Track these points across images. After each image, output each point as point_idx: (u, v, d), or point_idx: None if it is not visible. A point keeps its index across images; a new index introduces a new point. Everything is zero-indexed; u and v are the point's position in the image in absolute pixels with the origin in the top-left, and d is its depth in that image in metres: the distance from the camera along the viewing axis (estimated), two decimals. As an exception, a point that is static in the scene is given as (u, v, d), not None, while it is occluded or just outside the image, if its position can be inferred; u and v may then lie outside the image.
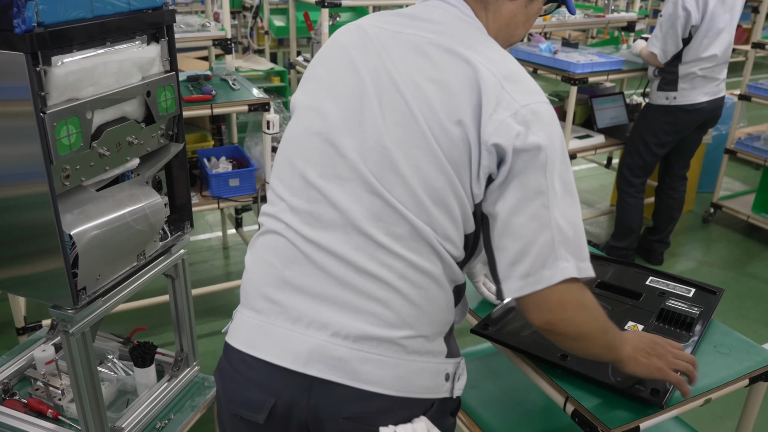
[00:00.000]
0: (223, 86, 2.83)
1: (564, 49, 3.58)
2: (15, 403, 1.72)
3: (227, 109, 2.62)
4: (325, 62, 1.06)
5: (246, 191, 2.71)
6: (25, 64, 1.12)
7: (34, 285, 1.38)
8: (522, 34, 1.13)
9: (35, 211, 1.25)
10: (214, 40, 3.05)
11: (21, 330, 2.74)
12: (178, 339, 1.80)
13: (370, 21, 1.06)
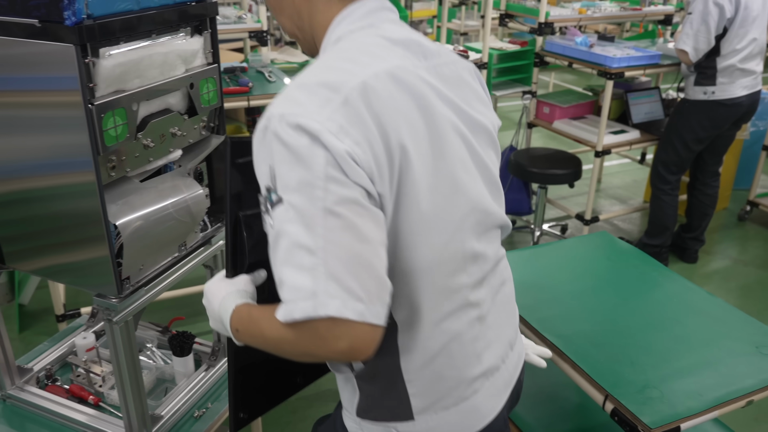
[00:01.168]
0: (259, 78, 2.85)
1: (600, 43, 3.53)
2: (57, 389, 1.75)
3: (264, 101, 2.63)
4: (410, 134, 0.92)
5: (280, 183, 2.73)
6: (74, 55, 1.12)
7: (78, 273, 1.40)
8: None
9: (81, 200, 1.26)
10: (251, 32, 3.07)
11: (60, 317, 2.79)
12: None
13: (403, 75, 0.94)
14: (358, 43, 0.96)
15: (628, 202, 4.57)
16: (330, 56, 0.96)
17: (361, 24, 0.99)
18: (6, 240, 1.44)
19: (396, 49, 0.96)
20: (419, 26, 7.17)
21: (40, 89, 1.20)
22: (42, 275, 1.52)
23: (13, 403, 1.72)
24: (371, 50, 0.95)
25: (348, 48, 0.96)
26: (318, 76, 0.90)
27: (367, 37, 0.97)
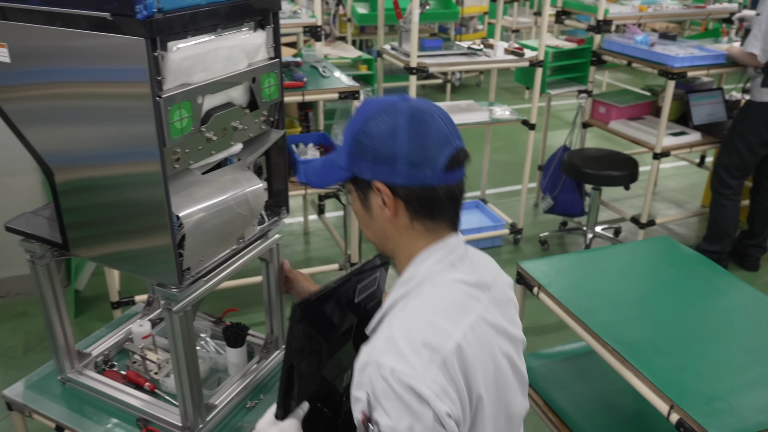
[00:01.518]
0: (313, 73, 2.86)
1: (662, 42, 3.42)
2: (114, 375, 1.79)
3: (318, 96, 2.65)
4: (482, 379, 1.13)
5: (332, 178, 2.73)
6: (144, 48, 1.15)
7: (139, 262, 1.43)
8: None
9: (146, 190, 1.28)
10: (305, 27, 3.08)
11: (115, 304, 2.87)
12: (269, 322, 1.83)
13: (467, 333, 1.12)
14: (444, 292, 1.15)
15: (685, 206, 4.43)
16: (425, 306, 1.12)
17: (443, 265, 1.17)
18: (71, 227, 1.48)
19: (472, 292, 1.17)
20: (470, 22, 7.11)
21: (110, 81, 1.23)
22: (102, 262, 1.56)
23: (72, 386, 1.77)
24: (457, 302, 1.14)
25: (437, 298, 1.14)
26: (421, 334, 1.07)
27: (450, 285, 1.16)
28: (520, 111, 3.87)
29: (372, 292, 1.41)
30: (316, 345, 1.26)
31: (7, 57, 1.33)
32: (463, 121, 3.54)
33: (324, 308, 1.26)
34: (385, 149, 1.12)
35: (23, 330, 3.10)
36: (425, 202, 1.15)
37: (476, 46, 3.50)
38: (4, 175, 3.07)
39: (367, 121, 1.14)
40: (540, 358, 1.91)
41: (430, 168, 1.12)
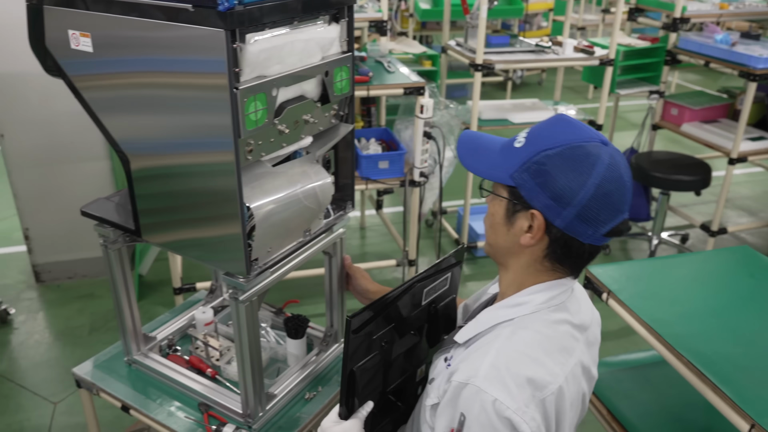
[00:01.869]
0: (377, 68, 2.86)
1: (744, 41, 3.28)
2: (178, 359, 1.84)
3: (383, 91, 2.64)
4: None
5: (394, 174, 2.73)
6: (224, 40, 1.16)
7: (208, 250, 1.45)
8: None
9: (219, 179, 1.30)
10: (371, 21, 3.08)
11: (177, 290, 2.94)
12: (329, 315, 1.84)
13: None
14: (553, 331, 1.15)
15: (758, 214, 4.25)
16: (534, 341, 1.13)
17: (555, 303, 1.17)
18: (144, 213, 1.52)
19: (575, 334, 1.18)
20: (534, 19, 6.98)
21: (188, 71, 1.25)
22: (171, 249, 1.59)
23: (137, 368, 1.82)
24: (563, 343, 1.15)
25: (546, 337, 1.14)
26: (528, 370, 1.08)
27: (559, 325, 1.16)
28: (585, 110, 3.78)
29: (443, 291, 1.41)
30: (378, 348, 1.28)
31: (90, 47, 1.37)
32: (527, 120, 3.48)
33: (384, 316, 1.27)
34: (566, 191, 1.08)
35: (89, 311, 3.22)
36: (568, 251, 1.14)
37: (544, 43, 3.43)
38: (77, 161, 3.19)
39: (561, 150, 1.09)
40: (603, 366, 1.85)
41: (593, 229, 1.10)
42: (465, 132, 1.30)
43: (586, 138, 1.10)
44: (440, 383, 1.20)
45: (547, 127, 1.14)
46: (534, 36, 6.68)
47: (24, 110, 3.05)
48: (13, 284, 3.44)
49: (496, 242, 1.21)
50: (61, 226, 3.29)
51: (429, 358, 1.48)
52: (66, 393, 2.68)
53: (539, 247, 1.15)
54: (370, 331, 1.25)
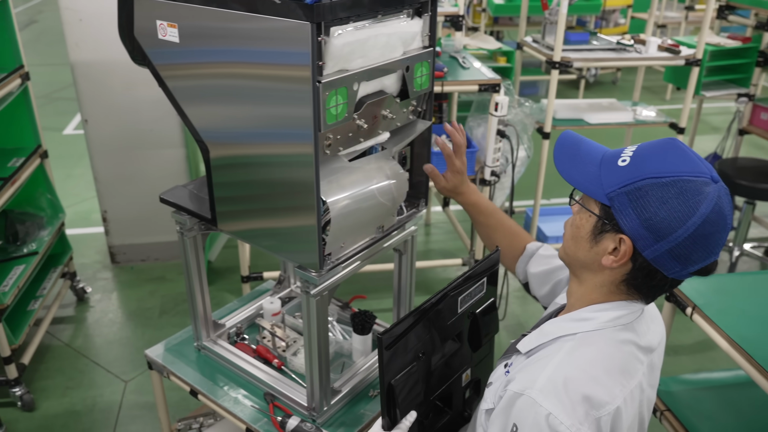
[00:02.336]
0: (452, 64, 2.82)
1: None
2: (245, 347, 1.86)
3: (457, 87, 2.60)
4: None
5: (465, 172, 2.69)
6: (309, 32, 1.16)
7: (281, 240, 1.45)
8: None
9: (297, 171, 1.30)
10: (446, 16, 3.04)
11: (245, 278, 2.99)
12: (397, 312, 1.83)
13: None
14: (617, 351, 1.11)
15: None
16: (597, 359, 1.09)
17: (622, 322, 1.13)
18: (220, 201, 1.54)
19: (639, 356, 1.13)
20: (611, 16, 6.76)
21: (272, 62, 1.26)
22: (244, 238, 1.61)
23: (206, 354, 1.86)
24: (626, 365, 1.11)
25: (609, 357, 1.10)
26: (586, 388, 1.04)
27: (624, 345, 1.12)
28: (663, 112, 3.63)
29: (481, 296, 1.43)
30: (415, 359, 1.29)
31: (176, 37, 1.39)
32: (603, 121, 3.36)
33: (417, 328, 1.28)
34: (663, 225, 1.02)
35: (160, 293, 3.32)
36: (649, 282, 1.10)
37: (626, 41, 3.30)
38: (155, 148, 3.28)
39: (668, 181, 1.03)
40: (682, 383, 1.77)
41: (682, 267, 1.05)
42: (565, 133, 1.24)
43: (697, 172, 1.03)
44: (497, 389, 1.18)
45: (657, 151, 1.07)
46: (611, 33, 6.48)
47: (108, 97, 3.16)
48: (90, 264, 3.58)
49: (576, 254, 1.16)
50: (136, 209, 3.40)
51: (475, 362, 1.49)
52: (136, 372, 2.78)
53: (620, 271, 1.11)
54: (404, 345, 1.26)
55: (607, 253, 1.09)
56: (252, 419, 1.63)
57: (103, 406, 2.60)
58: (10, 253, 2.73)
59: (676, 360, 2.83)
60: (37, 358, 2.82)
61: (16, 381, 2.55)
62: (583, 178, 1.12)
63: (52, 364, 2.82)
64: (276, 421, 1.58)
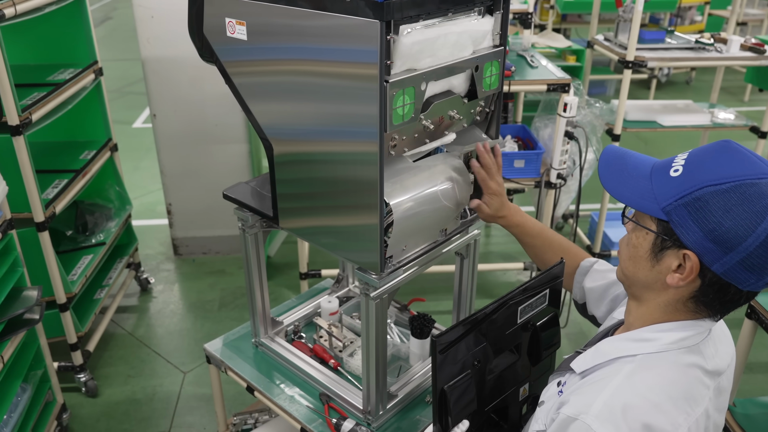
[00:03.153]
0: (520, 62, 2.76)
1: None
2: (302, 346, 1.87)
3: (525, 86, 2.55)
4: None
5: (529, 174, 2.63)
6: (378, 31, 1.14)
7: (341, 239, 1.44)
8: None
9: (361, 169, 1.29)
10: (515, 13, 2.97)
11: (303, 275, 3.01)
12: (456, 315, 1.80)
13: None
14: (681, 376, 1.04)
15: None
16: (658, 385, 1.02)
17: (687, 344, 1.05)
18: (282, 198, 1.54)
19: (706, 380, 1.05)
20: (687, 13, 6.50)
21: (339, 60, 1.24)
22: (305, 237, 1.60)
23: (263, 351, 1.87)
24: (691, 391, 1.03)
25: (672, 382, 1.03)
26: (647, 416, 0.98)
27: (688, 369, 1.04)
28: (744, 114, 3.46)
29: (542, 309, 1.38)
30: (470, 367, 1.27)
31: (244, 35, 1.40)
32: (678, 124, 3.22)
33: (474, 335, 1.25)
34: (731, 235, 0.95)
35: (219, 287, 3.39)
36: (722, 297, 1.02)
37: (706, 39, 3.15)
38: (219, 143, 3.34)
39: (729, 187, 0.96)
40: (760, 406, 1.67)
41: (758, 277, 0.97)
42: (608, 148, 1.16)
43: (759, 174, 0.95)
44: (549, 409, 1.13)
45: (711, 156, 1.00)
46: (687, 31, 6.23)
47: (175, 93, 3.24)
48: (154, 255, 3.68)
49: (635, 275, 1.09)
50: (200, 203, 3.48)
51: (534, 377, 1.44)
52: (194, 364, 2.84)
53: (687, 289, 1.03)
54: (459, 351, 1.23)
55: (672, 271, 1.02)
56: (307, 419, 1.63)
57: (162, 395, 2.67)
58: (79, 243, 2.83)
59: (754, 379, 2.68)
60: (102, 346, 2.91)
61: (81, 367, 2.64)
62: (634, 194, 1.05)
63: (116, 352, 2.91)
64: (331, 423, 1.58)
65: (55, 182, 2.54)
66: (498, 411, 1.40)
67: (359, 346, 1.82)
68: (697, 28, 6.38)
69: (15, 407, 2.12)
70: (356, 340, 1.87)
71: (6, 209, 2.07)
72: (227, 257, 3.64)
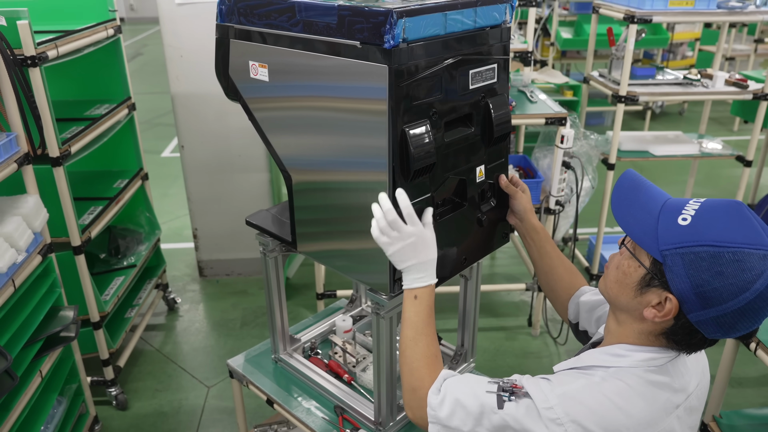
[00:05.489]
0: (520, 97, 2.81)
1: None
2: (318, 362, 1.89)
3: (525, 120, 2.59)
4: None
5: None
6: (387, 74, 1.18)
7: (354, 262, 1.48)
8: None
9: (372, 197, 1.31)
10: (516, 52, 3.03)
11: (319, 295, 3.04)
12: (461, 335, 1.82)
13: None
14: (648, 391, 1.07)
15: None
16: (623, 390, 1.06)
17: (655, 363, 1.09)
18: (300, 223, 1.58)
19: (672, 398, 1.08)
20: (679, 49, 6.55)
21: (351, 96, 1.29)
22: (321, 260, 1.64)
23: (282, 366, 1.90)
24: (656, 407, 1.06)
25: (638, 393, 1.06)
26: (606, 411, 1.03)
27: (656, 388, 1.07)
28: (729, 144, 3.48)
29: (492, 85, 1.41)
30: (428, 117, 1.28)
31: (266, 76, 1.46)
32: (669, 153, 3.25)
33: (430, 75, 1.26)
34: (715, 294, 0.97)
35: (242, 306, 3.42)
36: (689, 340, 1.06)
37: (693, 75, 3.19)
38: (242, 172, 3.40)
39: (728, 251, 0.96)
40: (745, 418, 1.67)
41: (725, 333, 1.01)
42: (627, 173, 1.16)
43: (758, 244, 0.96)
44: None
45: (721, 216, 1.00)
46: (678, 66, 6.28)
47: (202, 125, 3.31)
48: (180, 276, 3.73)
49: (617, 298, 1.12)
50: (224, 227, 3.53)
51: (489, 161, 1.46)
52: (218, 379, 2.86)
53: (660, 325, 1.07)
54: (420, 90, 1.24)
55: (651, 306, 1.05)
56: (322, 430, 1.65)
57: (187, 408, 2.69)
58: (111, 265, 2.88)
59: (740, 393, 2.67)
60: (131, 362, 2.95)
61: (113, 382, 2.67)
62: (639, 228, 1.06)
63: (144, 368, 2.94)
64: (345, 434, 1.60)
65: (91, 209, 2.61)
66: (457, 188, 1.41)
67: (371, 362, 1.84)
68: (688, 63, 6.42)
69: (51, 419, 2.15)
70: (368, 356, 1.90)
71: (46, 234, 2.13)
72: (249, 278, 3.67)
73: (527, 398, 1.06)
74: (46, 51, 2.13)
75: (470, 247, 1.51)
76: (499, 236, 1.57)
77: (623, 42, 2.96)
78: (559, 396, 1.05)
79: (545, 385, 1.08)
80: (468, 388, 1.14)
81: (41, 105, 2.11)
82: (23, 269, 1.95)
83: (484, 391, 1.11)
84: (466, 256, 1.50)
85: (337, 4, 1.24)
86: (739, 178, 3.34)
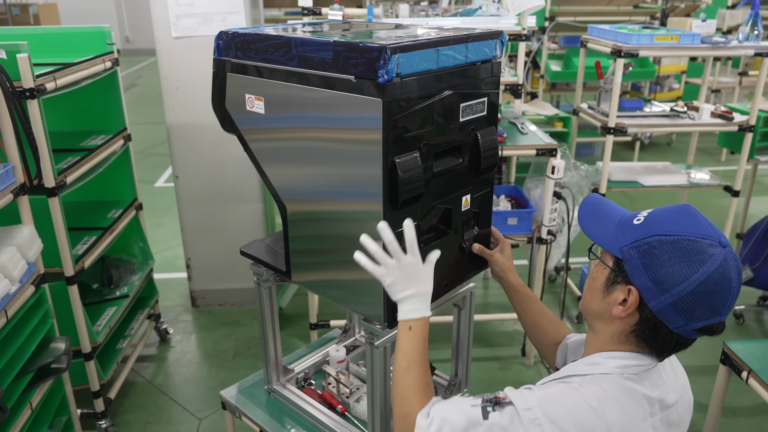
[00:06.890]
0: (511, 129, 2.85)
1: None
2: (312, 392, 1.88)
3: (516, 151, 2.62)
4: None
5: (522, 231, 2.68)
6: (381, 107, 1.21)
7: (349, 292, 1.48)
8: None
9: (366, 226, 1.33)
10: (506, 85, 3.08)
11: (313, 325, 3.03)
12: (455, 365, 1.82)
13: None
14: (624, 396, 1.12)
15: None
16: (598, 394, 1.11)
17: (631, 371, 1.15)
18: (294, 253, 1.59)
19: (646, 406, 1.13)
20: (666, 81, 6.68)
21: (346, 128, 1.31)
22: (315, 290, 1.64)
23: (275, 397, 1.88)
24: (631, 412, 1.11)
25: (613, 397, 1.11)
26: (578, 409, 1.08)
27: (631, 394, 1.12)
28: (717, 174, 3.53)
29: (481, 117, 1.44)
30: (418, 149, 1.30)
31: (262, 109, 1.48)
32: (657, 184, 3.30)
33: (421, 109, 1.29)
34: (668, 279, 1.07)
35: (234, 336, 3.40)
36: (655, 334, 1.13)
37: (679, 108, 3.26)
38: (236, 202, 3.42)
39: (675, 239, 1.08)
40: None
41: (685, 321, 1.08)
42: (592, 195, 1.31)
43: (704, 235, 1.08)
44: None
45: (669, 214, 1.13)
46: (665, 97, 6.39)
47: (197, 156, 3.34)
48: (173, 306, 3.71)
49: (590, 305, 1.22)
50: (217, 257, 3.52)
51: (475, 190, 1.49)
52: (210, 411, 2.83)
53: (628, 322, 1.15)
54: (410, 122, 1.26)
55: (617, 303, 1.14)
56: (316, 462, 1.64)
57: (178, 440, 2.66)
58: (104, 296, 2.87)
59: (735, 423, 2.67)
60: (122, 393, 2.91)
61: (103, 414, 2.64)
62: (602, 234, 1.19)
63: (135, 400, 2.91)
64: (338, 466, 1.58)
65: (85, 239, 2.60)
66: (443, 216, 1.43)
67: (365, 392, 1.83)
68: (675, 95, 6.54)
69: (41, 452, 2.12)
70: (362, 386, 1.89)
71: (40, 264, 2.13)
72: (242, 309, 3.66)
73: (510, 406, 1.11)
74: (45, 83, 2.16)
75: (452, 272, 1.53)
76: (479, 260, 1.59)
77: (611, 75, 3.02)
78: (538, 398, 1.10)
79: (526, 392, 1.14)
80: (455, 406, 1.18)
81: (38, 136, 2.13)
82: (16, 300, 1.94)
83: (470, 405, 1.15)
84: (447, 281, 1.52)
85: (332, 39, 1.28)
86: (728, 208, 3.38)
